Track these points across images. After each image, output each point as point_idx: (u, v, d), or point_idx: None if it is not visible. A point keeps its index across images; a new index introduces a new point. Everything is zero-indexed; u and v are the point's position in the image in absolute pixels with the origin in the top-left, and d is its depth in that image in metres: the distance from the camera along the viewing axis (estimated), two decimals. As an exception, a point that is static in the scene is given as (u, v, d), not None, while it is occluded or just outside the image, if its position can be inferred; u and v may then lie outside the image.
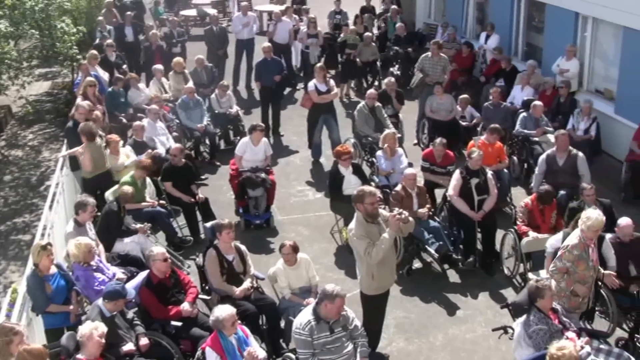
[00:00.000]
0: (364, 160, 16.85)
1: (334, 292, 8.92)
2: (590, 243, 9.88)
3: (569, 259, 9.87)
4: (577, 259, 9.82)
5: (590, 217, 9.82)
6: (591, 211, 10.03)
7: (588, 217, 9.84)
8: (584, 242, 9.84)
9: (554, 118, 17.56)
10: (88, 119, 14.91)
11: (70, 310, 10.29)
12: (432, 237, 13.02)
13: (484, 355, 11.09)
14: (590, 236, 9.87)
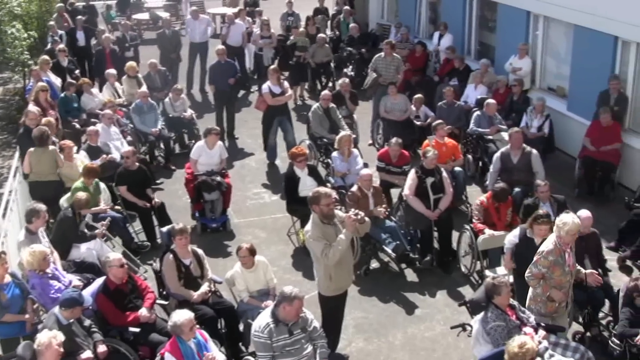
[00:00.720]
0: (320, 161, 16.86)
1: (292, 294, 8.91)
2: (566, 248, 9.63)
3: (544, 265, 9.60)
4: (552, 265, 9.58)
5: (566, 222, 9.54)
6: (566, 216, 9.71)
7: (564, 222, 9.55)
8: (560, 247, 9.58)
9: (507, 116, 17.70)
10: (39, 124, 14.74)
11: (26, 319, 10.16)
12: (389, 236, 13.06)
13: (443, 353, 11.14)
14: (568, 241, 9.61)
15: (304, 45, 22.50)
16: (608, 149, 15.73)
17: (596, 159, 15.77)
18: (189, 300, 10.58)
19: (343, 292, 10.32)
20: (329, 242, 9.55)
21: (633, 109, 16.41)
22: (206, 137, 15.10)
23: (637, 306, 9.79)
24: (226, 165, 15.81)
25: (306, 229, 9.83)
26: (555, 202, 12.83)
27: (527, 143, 14.88)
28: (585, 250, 11.29)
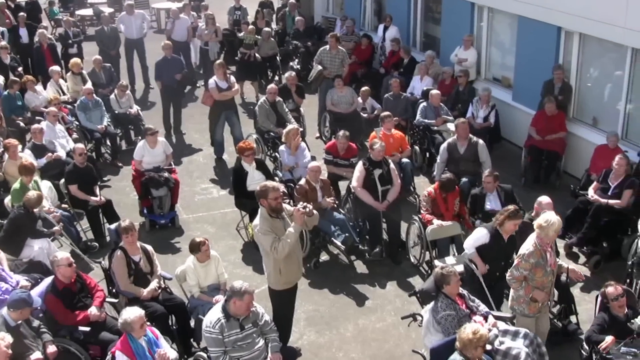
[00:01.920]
0: (267, 155, 16.84)
1: (242, 288, 8.90)
2: (547, 248, 9.61)
3: (526, 268, 9.54)
4: (534, 267, 9.53)
5: (552, 221, 9.48)
6: (548, 214, 9.64)
7: (550, 221, 9.48)
8: (540, 248, 9.54)
9: (453, 107, 17.82)
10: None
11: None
12: (338, 229, 13.09)
13: (395, 344, 11.20)
14: (549, 240, 9.62)
15: (250, 43, 22.30)
16: (553, 138, 15.92)
17: (542, 148, 15.97)
18: (139, 298, 10.50)
19: (293, 286, 10.32)
20: (277, 236, 9.54)
21: (577, 98, 16.61)
22: (145, 138, 14.96)
23: (613, 314, 9.66)
24: (173, 161, 15.71)
25: (255, 223, 9.80)
26: (502, 191, 12.96)
27: (474, 133, 15.04)
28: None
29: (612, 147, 14.29)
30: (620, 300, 9.53)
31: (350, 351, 11.07)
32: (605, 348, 9.15)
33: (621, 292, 9.58)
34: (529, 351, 9.12)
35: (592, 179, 14.00)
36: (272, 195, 9.59)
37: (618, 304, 9.52)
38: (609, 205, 12.99)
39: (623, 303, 9.56)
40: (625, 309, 9.61)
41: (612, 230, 13.13)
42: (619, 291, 9.56)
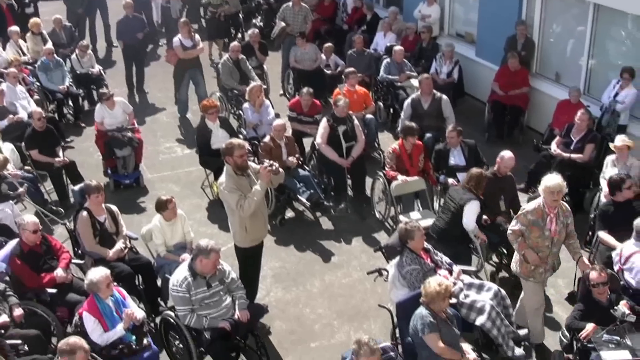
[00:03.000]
0: (231, 113, 16.80)
1: (208, 247, 8.91)
2: (550, 212, 9.29)
3: (523, 223, 9.40)
4: (530, 224, 9.35)
5: (546, 181, 9.25)
6: (549, 176, 9.33)
7: (544, 182, 9.27)
8: (543, 209, 9.29)
9: (417, 63, 17.84)
10: None
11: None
12: (303, 185, 13.12)
13: (361, 299, 11.28)
14: (550, 202, 9.24)
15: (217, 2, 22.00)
16: (516, 93, 16.01)
17: (505, 103, 16.06)
18: (105, 258, 10.46)
19: (259, 243, 10.34)
20: (243, 194, 9.52)
21: (540, 53, 16.68)
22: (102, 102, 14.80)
23: (595, 299, 9.10)
24: (137, 120, 15.61)
25: (220, 181, 9.78)
26: (466, 146, 13.02)
27: (437, 89, 15.06)
28: (501, 191, 11.50)
29: (575, 102, 14.39)
30: (600, 288, 8.95)
31: (317, 307, 11.15)
32: (586, 336, 8.70)
33: (604, 279, 8.93)
34: (493, 303, 9.24)
35: (554, 134, 14.10)
36: (237, 152, 9.56)
37: (598, 290, 8.97)
38: (571, 159, 13.10)
39: (603, 291, 8.99)
40: (606, 295, 9.06)
41: (575, 184, 13.24)
42: (602, 278, 8.92)
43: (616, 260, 9.57)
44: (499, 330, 9.17)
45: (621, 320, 8.68)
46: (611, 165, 12.09)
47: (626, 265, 9.45)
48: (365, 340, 7.42)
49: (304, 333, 10.57)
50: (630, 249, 9.49)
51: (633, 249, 9.46)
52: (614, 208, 10.82)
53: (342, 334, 10.54)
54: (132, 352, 8.84)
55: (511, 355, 9.28)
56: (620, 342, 8.56)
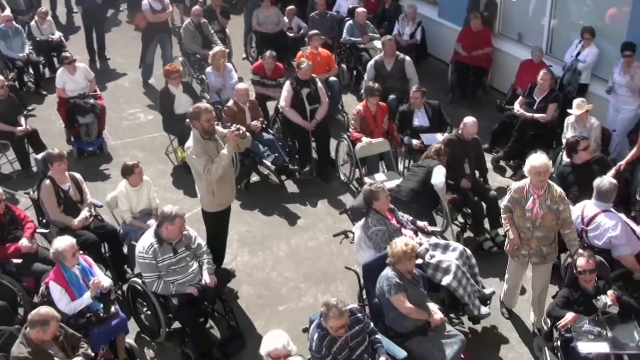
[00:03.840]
0: (194, 78, 16.70)
1: (172, 213, 8.89)
2: (535, 192, 8.96)
3: (509, 199, 9.24)
4: (514, 202, 9.16)
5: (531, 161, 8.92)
6: (534, 156, 9.00)
7: (529, 162, 8.94)
8: (527, 188, 9.02)
9: (379, 24, 17.82)
10: None
11: None
12: (268, 149, 13.10)
13: (328, 261, 11.34)
14: (536, 182, 8.90)
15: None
16: (479, 54, 16.08)
17: (468, 64, 16.13)
18: (70, 227, 10.41)
19: (226, 207, 10.33)
20: (210, 158, 9.50)
21: (502, 14, 16.73)
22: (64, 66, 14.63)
23: (582, 288, 8.64)
24: (99, 86, 15.46)
25: (187, 145, 9.73)
26: (430, 107, 13.07)
27: (400, 50, 15.09)
28: (465, 154, 11.58)
29: (537, 62, 14.47)
30: (587, 276, 8.53)
31: (284, 270, 11.19)
32: (564, 325, 8.41)
33: (591, 266, 8.50)
34: (459, 263, 9.31)
35: (517, 94, 14.20)
36: (204, 116, 9.51)
37: (584, 278, 8.55)
38: (534, 119, 13.20)
39: (590, 278, 8.58)
40: (593, 283, 8.64)
41: (538, 143, 13.33)
42: (589, 265, 8.48)
43: (577, 221, 9.65)
44: (465, 290, 9.25)
45: (602, 311, 8.34)
46: (571, 128, 12.19)
47: (590, 227, 9.52)
48: (334, 303, 7.46)
49: (271, 297, 10.61)
50: (592, 209, 9.57)
51: (595, 209, 9.53)
52: (571, 169, 10.93)
53: (310, 296, 10.60)
54: (100, 320, 8.81)
55: (477, 314, 9.37)
56: (600, 333, 8.22)
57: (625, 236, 9.34)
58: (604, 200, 9.49)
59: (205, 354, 9.23)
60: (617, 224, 9.32)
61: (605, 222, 9.38)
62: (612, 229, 9.31)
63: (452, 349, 8.31)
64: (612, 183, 9.49)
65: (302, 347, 8.14)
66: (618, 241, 9.33)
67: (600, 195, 9.49)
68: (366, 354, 7.86)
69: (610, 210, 9.50)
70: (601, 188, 9.47)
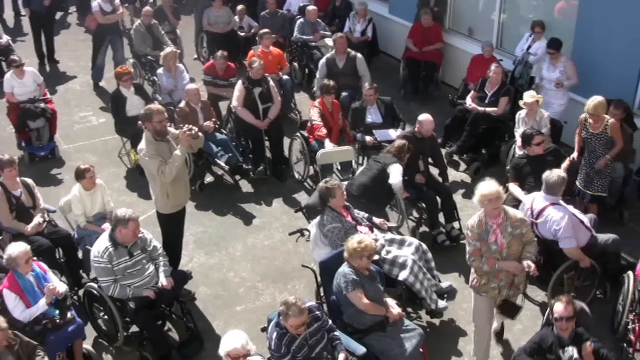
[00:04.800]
0: (145, 79, 16.60)
1: (126, 216, 8.83)
2: (493, 222, 8.39)
3: (473, 238, 8.48)
4: (479, 238, 8.46)
5: (480, 189, 8.39)
6: (483, 183, 8.46)
7: (478, 191, 8.39)
8: (485, 220, 8.43)
9: (330, 22, 17.85)
10: None
11: None
12: (221, 149, 13.07)
13: (284, 260, 11.33)
14: (490, 211, 8.32)
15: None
16: (430, 49, 16.18)
17: (419, 59, 16.21)
18: (23, 233, 10.29)
19: (181, 209, 10.28)
20: (163, 159, 9.45)
21: (452, 9, 16.87)
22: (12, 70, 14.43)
23: (557, 334, 7.85)
24: (49, 90, 15.29)
25: (140, 147, 9.66)
26: (382, 103, 13.12)
27: (351, 47, 15.11)
28: (421, 152, 11.63)
29: (488, 56, 14.58)
30: (563, 323, 7.78)
31: (241, 270, 11.16)
32: None
33: (569, 313, 7.77)
34: (415, 258, 9.37)
35: (469, 88, 14.30)
36: (157, 118, 9.45)
37: (560, 325, 7.80)
38: (486, 112, 13.31)
39: (567, 326, 7.80)
40: (569, 331, 7.84)
41: (490, 137, 13.49)
42: (567, 312, 7.76)
43: (527, 214, 9.74)
44: (422, 284, 9.31)
45: None
46: (522, 123, 12.27)
47: (540, 219, 9.59)
48: (293, 301, 7.46)
49: (229, 297, 10.58)
50: (541, 202, 9.63)
51: (544, 202, 9.60)
52: (525, 161, 11.03)
53: (267, 295, 10.58)
54: (56, 326, 8.72)
55: (435, 307, 9.44)
56: None
57: (571, 229, 9.39)
58: (552, 193, 9.56)
59: (164, 357, 9.17)
60: (563, 217, 9.38)
61: (553, 215, 9.45)
62: (559, 222, 9.38)
63: (411, 343, 8.36)
64: (561, 176, 9.56)
65: (262, 346, 8.14)
66: (564, 234, 9.39)
67: (549, 188, 9.56)
68: (325, 351, 7.87)
69: (558, 203, 9.57)
70: (549, 181, 9.53)
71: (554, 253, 9.70)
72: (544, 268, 9.77)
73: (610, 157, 11.14)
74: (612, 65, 12.81)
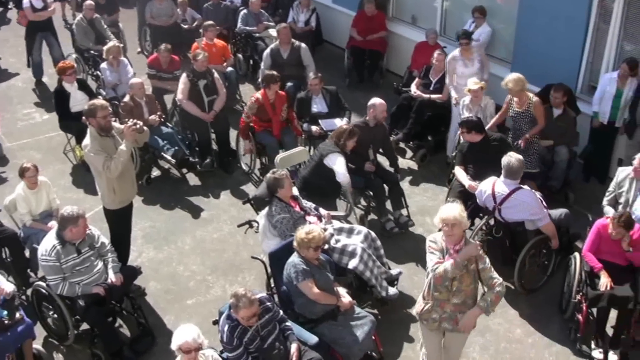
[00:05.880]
0: (89, 74, 16.43)
1: (73, 214, 8.76)
2: (450, 246, 7.60)
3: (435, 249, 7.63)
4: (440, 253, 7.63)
5: (440, 212, 7.58)
6: (445, 206, 7.69)
7: (439, 213, 7.58)
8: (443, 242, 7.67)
9: (274, 13, 17.82)
10: None
11: None
12: (167, 143, 13.00)
13: (234, 252, 11.32)
14: (445, 235, 7.58)
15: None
16: (374, 38, 16.24)
17: (363, 48, 16.27)
18: (-34, 236, 10.18)
19: (128, 204, 10.22)
20: (109, 155, 9.38)
21: (395, -4, 16.93)
22: None
23: None
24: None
25: (84, 143, 9.58)
26: (328, 93, 13.15)
27: (296, 38, 15.10)
28: (371, 140, 11.66)
29: (432, 43, 14.68)
30: None
31: (190, 264, 11.14)
32: None
33: None
34: (364, 246, 9.42)
35: (413, 76, 14.38)
36: (100, 113, 9.37)
37: None
38: (431, 100, 13.42)
39: None
40: None
41: (436, 123, 13.59)
42: None
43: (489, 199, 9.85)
44: (372, 272, 9.36)
45: None
46: (467, 109, 12.37)
47: (505, 205, 9.75)
48: (242, 292, 7.46)
49: (179, 291, 10.55)
50: (503, 188, 9.76)
51: (507, 188, 9.73)
52: (468, 146, 11.13)
53: (218, 288, 10.57)
54: (4, 327, 8.60)
55: (385, 295, 9.51)
56: None
57: (542, 208, 9.71)
58: (513, 178, 9.68)
59: (115, 354, 9.12)
60: (533, 199, 9.63)
61: (522, 199, 9.63)
62: (530, 204, 9.59)
63: (363, 331, 8.42)
64: (521, 161, 9.70)
65: (214, 339, 8.13)
66: (537, 215, 9.62)
67: (510, 173, 9.66)
68: (277, 342, 7.88)
69: (522, 187, 9.75)
70: (511, 167, 9.64)
71: (516, 236, 9.95)
72: (509, 252, 10.11)
73: (530, 135, 11.57)
74: (555, 50, 12.96)
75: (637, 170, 9.70)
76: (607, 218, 9.25)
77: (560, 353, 9.28)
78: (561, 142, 11.80)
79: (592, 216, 10.17)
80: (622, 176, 10.01)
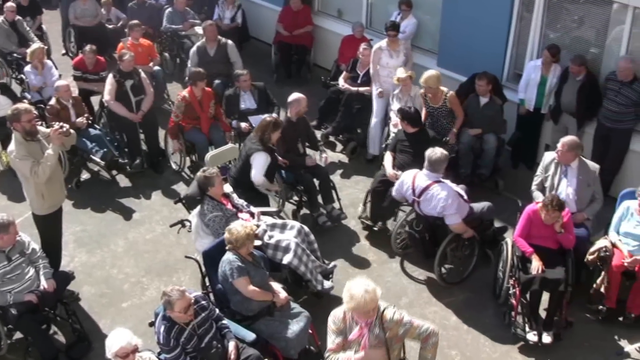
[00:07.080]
0: (12, 78, 16.17)
1: (3, 221, 8.64)
2: (360, 320, 6.85)
3: (334, 332, 6.98)
4: (339, 333, 6.95)
5: (352, 295, 6.64)
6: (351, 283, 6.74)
7: (350, 296, 6.64)
8: (349, 314, 6.93)
9: (199, 10, 17.71)
10: None
11: None
12: (96, 145, 12.87)
13: (167, 252, 11.27)
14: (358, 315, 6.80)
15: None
16: (301, 33, 16.30)
17: (290, 43, 16.32)
18: None
19: (58, 209, 10.09)
20: (36, 160, 9.26)
21: (321, -9, 16.98)
22: None
23: None
24: None
25: (10, 149, 9.44)
26: (256, 89, 13.15)
27: (222, 35, 15.08)
28: (298, 134, 11.68)
29: (359, 36, 14.75)
30: None
31: (124, 266, 11.04)
32: None
33: None
34: (298, 241, 9.45)
35: (341, 69, 14.45)
36: (25, 117, 9.24)
37: None
38: (359, 92, 13.49)
39: None
40: None
41: (365, 116, 13.65)
42: None
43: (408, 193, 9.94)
44: (307, 266, 9.40)
45: None
46: (396, 99, 12.47)
47: (423, 197, 9.81)
48: (170, 288, 7.45)
49: (114, 294, 10.45)
50: (424, 180, 9.82)
51: (427, 180, 9.80)
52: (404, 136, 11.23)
53: (153, 290, 10.50)
54: None
55: (321, 288, 9.56)
56: None
57: (455, 206, 9.67)
58: (434, 170, 9.76)
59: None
60: (449, 195, 9.63)
61: (438, 193, 9.68)
62: (445, 199, 9.62)
63: (299, 325, 8.47)
64: (444, 153, 9.79)
65: (151, 342, 8.09)
66: (449, 211, 9.66)
67: (432, 165, 9.75)
68: (215, 340, 7.88)
69: (441, 180, 9.80)
70: (432, 158, 9.73)
71: (436, 229, 9.98)
72: (429, 244, 10.16)
73: (456, 129, 11.88)
74: (480, 40, 13.13)
75: (560, 153, 9.86)
76: (537, 203, 9.42)
77: (496, 337, 9.44)
78: (489, 130, 11.97)
79: (522, 202, 10.30)
80: (548, 160, 10.16)
